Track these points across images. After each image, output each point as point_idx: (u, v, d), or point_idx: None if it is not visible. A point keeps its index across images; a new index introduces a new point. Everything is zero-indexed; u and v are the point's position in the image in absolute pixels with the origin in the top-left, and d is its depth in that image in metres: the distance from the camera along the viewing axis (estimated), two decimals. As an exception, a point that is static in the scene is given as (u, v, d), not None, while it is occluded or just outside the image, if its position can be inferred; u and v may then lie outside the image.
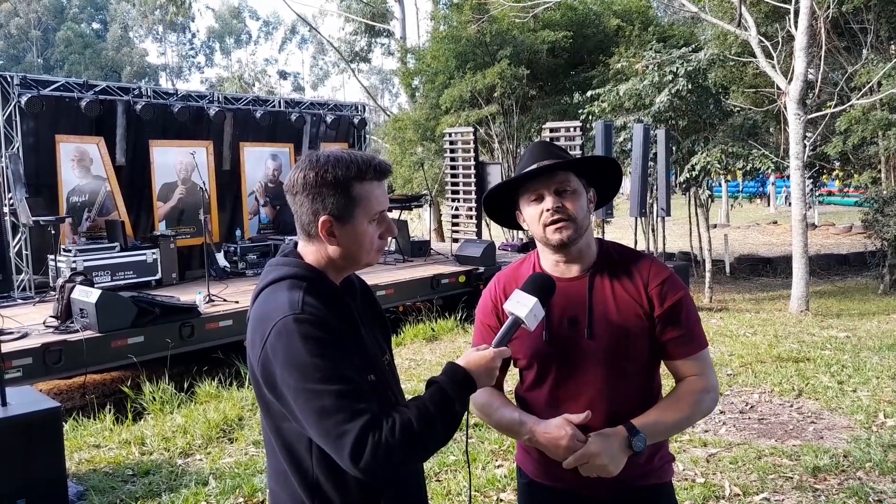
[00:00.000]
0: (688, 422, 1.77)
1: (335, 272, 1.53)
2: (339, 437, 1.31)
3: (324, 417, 1.32)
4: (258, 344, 1.40)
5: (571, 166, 1.73)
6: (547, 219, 1.69)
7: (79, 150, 9.20)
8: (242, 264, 10.09)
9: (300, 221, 1.50)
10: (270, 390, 1.40)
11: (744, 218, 25.31)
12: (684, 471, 4.05)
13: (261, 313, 1.45)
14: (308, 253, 1.52)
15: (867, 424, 4.73)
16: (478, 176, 11.84)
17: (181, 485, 4.11)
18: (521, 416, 1.74)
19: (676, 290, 1.73)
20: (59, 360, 5.97)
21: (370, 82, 43.54)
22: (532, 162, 1.72)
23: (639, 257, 1.80)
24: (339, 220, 1.46)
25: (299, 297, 1.41)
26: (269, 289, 1.48)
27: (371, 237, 1.50)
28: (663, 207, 9.76)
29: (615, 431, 1.63)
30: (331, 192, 1.45)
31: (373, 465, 1.30)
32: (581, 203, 1.71)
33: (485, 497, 3.78)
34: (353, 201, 1.46)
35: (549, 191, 1.69)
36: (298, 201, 1.48)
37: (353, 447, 1.30)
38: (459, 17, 14.42)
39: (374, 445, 1.30)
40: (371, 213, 1.48)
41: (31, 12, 43.00)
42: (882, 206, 11.47)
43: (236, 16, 53.28)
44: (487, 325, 1.85)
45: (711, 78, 11.44)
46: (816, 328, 8.16)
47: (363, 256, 1.52)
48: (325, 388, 1.32)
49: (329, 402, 1.31)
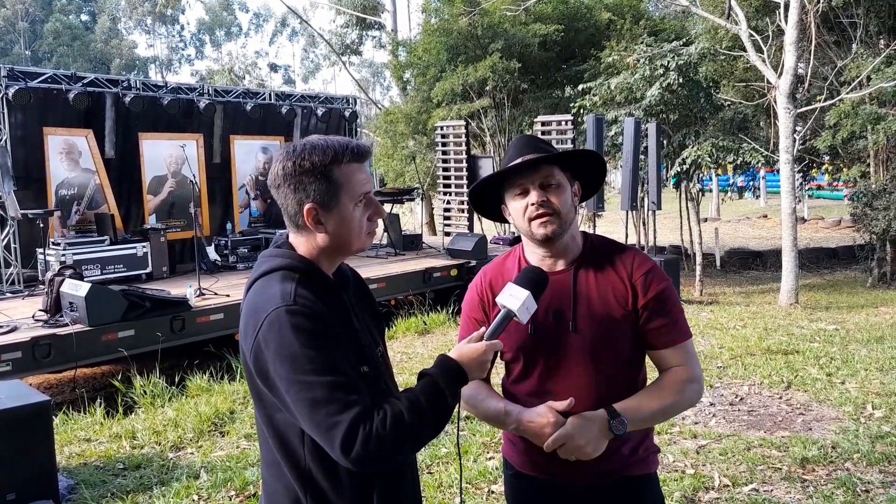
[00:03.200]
0: (672, 410, 1.77)
1: (327, 262, 1.52)
2: (331, 428, 1.31)
3: (315, 408, 1.32)
4: (251, 335, 1.40)
5: (556, 160, 1.73)
6: (532, 213, 1.70)
7: (67, 143, 9.13)
8: (233, 258, 10.06)
9: (287, 214, 1.50)
10: (263, 381, 1.40)
11: (734, 212, 25.41)
12: (674, 462, 4.07)
13: (253, 304, 1.44)
14: (299, 244, 1.51)
15: (855, 416, 4.77)
16: (469, 169, 11.83)
17: (172, 478, 4.10)
18: (507, 405, 1.76)
19: (660, 280, 1.74)
20: (48, 354, 5.93)
21: (361, 75, 43.36)
22: (517, 156, 1.72)
23: (623, 249, 1.81)
24: (323, 206, 1.46)
25: (291, 288, 1.40)
26: (262, 280, 1.48)
27: (359, 220, 1.49)
28: (654, 201, 9.79)
29: (595, 414, 1.65)
30: (311, 180, 1.44)
31: (363, 456, 1.31)
32: (566, 197, 1.72)
33: (476, 489, 3.80)
34: (334, 186, 1.45)
35: (534, 185, 1.70)
36: (282, 194, 1.47)
37: (343, 438, 1.30)
38: (451, 10, 14.37)
39: (364, 437, 1.30)
40: (355, 196, 1.47)
41: (18, 3, 42.53)
42: (871, 199, 11.55)
43: (226, 8, 52.90)
44: (473, 318, 1.85)
45: (702, 72, 11.46)
46: (805, 321, 8.22)
47: (353, 241, 1.51)
48: (316, 379, 1.32)
49: (321, 393, 1.32)
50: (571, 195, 1.75)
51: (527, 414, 1.69)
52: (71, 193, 9.16)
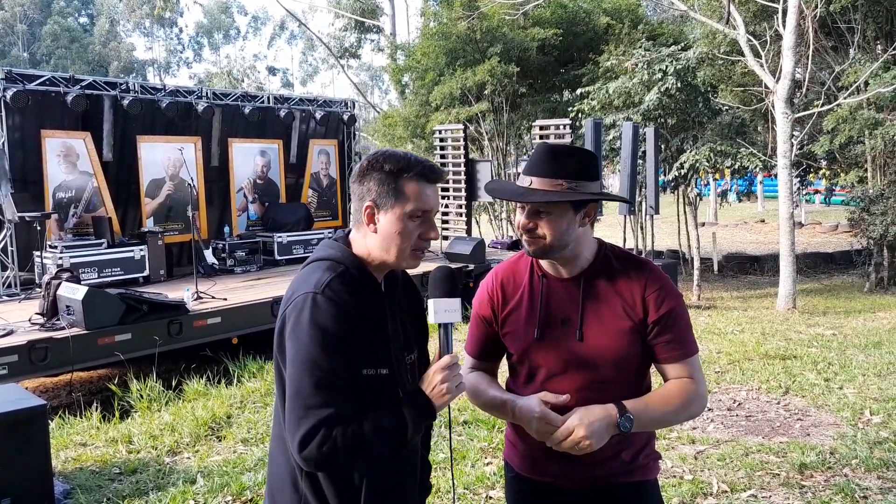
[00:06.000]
0: (675, 417, 1.78)
1: (377, 266, 1.58)
2: (298, 420, 1.41)
3: (295, 396, 1.42)
4: (282, 310, 1.52)
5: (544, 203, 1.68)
6: (520, 231, 1.74)
7: (65, 146, 9.11)
8: (231, 261, 10.04)
9: (354, 208, 1.61)
10: (279, 353, 1.50)
11: (732, 216, 25.46)
12: (672, 468, 4.07)
13: (294, 285, 1.55)
14: (356, 240, 1.60)
15: (853, 421, 4.76)
16: (468, 173, 11.83)
17: (169, 483, 4.08)
18: (504, 395, 1.80)
19: (674, 297, 1.76)
20: (45, 357, 5.91)
21: (360, 79, 43.41)
22: (527, 172, 1.72)
23: (639, 263, 1.81)
24: (379, 207, 1.55)
25: (327, 278, 1.49)
26: (311, 265, 1.58)
27: (408, 232, 1.55)
28: (652, 206, 9.80)
29: (604, 408, 1.65)
30: (377, 181, 1.54)
31: (314, 456, 1.40)
32: (559, 223, 1.68)
33: (474, 494, 3.78)
34: (395, 192, 1.53)
35: (524, 210, 1.72)
36: (354, 190, 1.59)
37: (304, 434, 1.39)
38: (450, 14, 14.39)
39: (321, 440, 1.39)
40: (410, 209, 1.53)
41: (16, 6, 42.51)
42: (868, 204, 11.57)
43: (224, 11, 52.94)
44: (482, 316, 1.88)
45: (700, 76, 11.49)
46: (803, 326, 8.22)
47: (397, 252, 1.55)
48: (307, 371, 1.42)
49: (306, 384, 1.41)
50: (574, 218, 1.70)
51: (520, 401, 1.72)
52: (68, 196, 9.13)
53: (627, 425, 1.64)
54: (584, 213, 1.73)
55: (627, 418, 1.64)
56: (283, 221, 11.14)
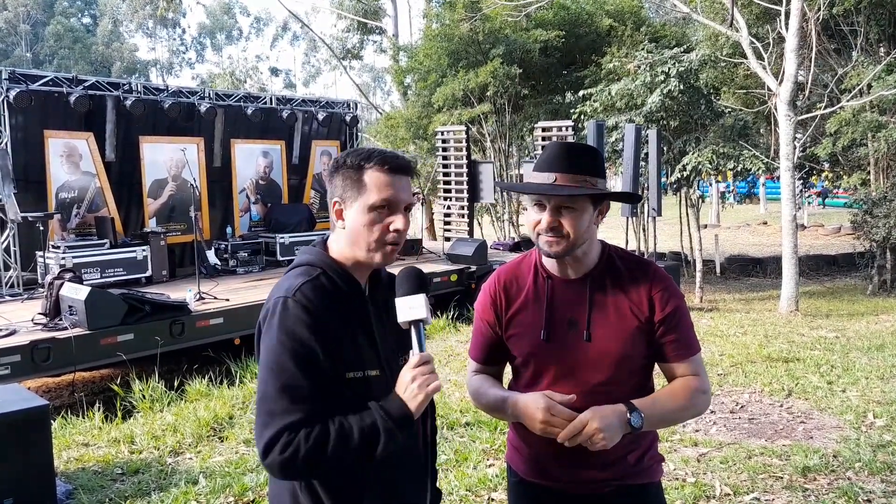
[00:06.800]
0: (682, 414, 1.79)
1: (355, 266, 1.56)
2: (263, 426, 1.40)
3: (261, 401, 1.43)
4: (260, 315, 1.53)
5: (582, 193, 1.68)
6: (542, 229, 1.69)
7: (68, 146, 9.12)
8: (233, 262, 10.05)
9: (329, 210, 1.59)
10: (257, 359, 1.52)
11: (734, 218, 25.43)
12: (675, 470, 4.06)
13: (272, 292, 1.55)
14: (334, 241, 1.59)
15: (856, 424, 4.75)
16: (470, 174, 11.83)
17: (171, 484, 4.08)
18: (505, 392, 1.79)
19: (677, 297, 1.77)
20: (47, 357, 5.91)
21: (362, 80, 43.41)
22: (547, 168, 1.68)
23: (642, 263, 1.82)
24: (345, 202, 1.54)
25: (299, 283, 1.48)
26: (290, 272, 1.57)
27: (373, 225, 1.51)
28: (654, 207, 9.79)
29: (614, 406, 1.65)
30: (342, 176, 1.54)
31: (277, 462, 1.38)
32: (582, 220, 1.68)
33: (476, 496, 3.78)
34: (358, 185, 1.52)
35: (551, 205, 1.67)
36: (327, 191, 1.59)
37: (268, 439, 1.39)
38: (452, 16, 14.40)
39: (283, 445, 1.37)
40: (373, 200, 1.50)
41: (19, 6, 42.57)
42: (871, 207, 11.55)
43: (227, 11, 52.98)
44: (485, 319, 1.86)
45: (703, 78, 11.49)
46: (806, 328, 8.21)
47: (366, 246, 1.52)
48: (273, 375, 1.42)
49: (271, 389, 1.41)
50: (593, 216, 1.72)
51: (522, 398, 1.70)
52: (71, 196, 9.15)
53: (639, 422, 1.64)
54: (599, 210, 1.73)
55: (638, 415, 1.64)
56: (286, 222, 11.15)
